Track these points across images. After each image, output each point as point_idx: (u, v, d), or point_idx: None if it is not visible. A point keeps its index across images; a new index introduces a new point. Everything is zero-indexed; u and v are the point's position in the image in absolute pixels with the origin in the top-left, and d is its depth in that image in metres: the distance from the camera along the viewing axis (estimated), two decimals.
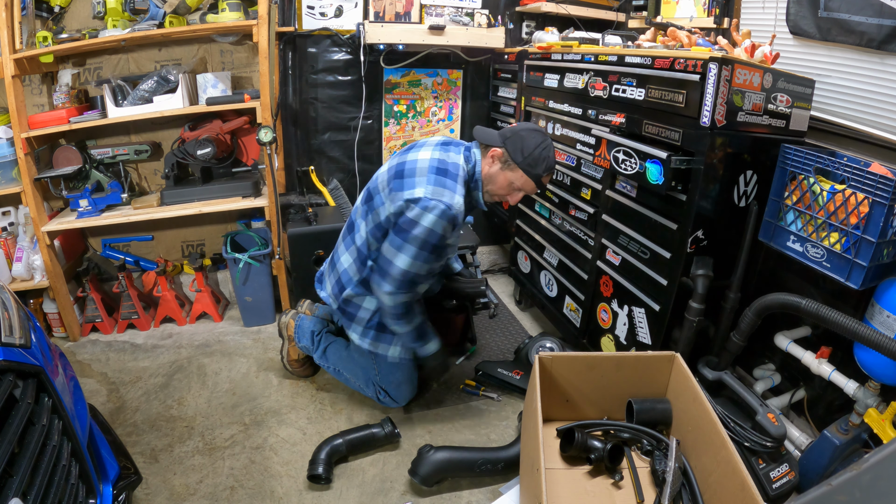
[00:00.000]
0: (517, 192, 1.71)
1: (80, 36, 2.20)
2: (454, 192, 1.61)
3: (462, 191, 1.65)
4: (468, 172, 1.70)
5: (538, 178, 1.66)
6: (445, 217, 1.57)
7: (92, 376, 2.22)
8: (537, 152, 1.62)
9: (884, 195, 1.26)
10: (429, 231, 1.58)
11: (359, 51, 2.61)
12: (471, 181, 1.71)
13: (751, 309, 1.57)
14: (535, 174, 1.65)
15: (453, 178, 1.64)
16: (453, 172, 1.65)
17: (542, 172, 1.65)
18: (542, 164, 1.64)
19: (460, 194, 1.63)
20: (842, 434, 1.50)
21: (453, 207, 1.58)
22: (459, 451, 1.68)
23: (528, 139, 1.63)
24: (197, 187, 2.47)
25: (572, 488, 1.46)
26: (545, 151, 1.64)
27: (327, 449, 1.71)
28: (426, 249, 1.61)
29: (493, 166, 1.69)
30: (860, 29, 1.65)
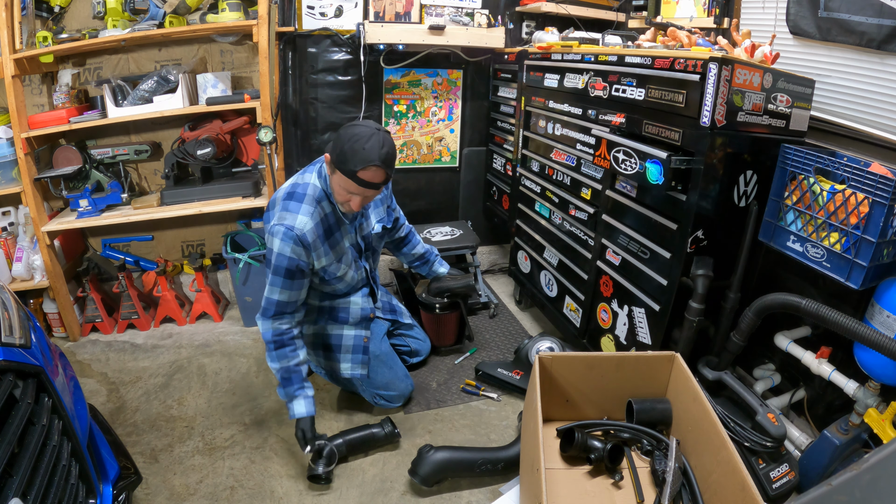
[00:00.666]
0: (352, 195, 1.57)
1: (80, 36, 2.20)
2: (296, 213, 1.58)
3: (310, 209, 1.60)
4: (322, 189, 1.65)
5: (353, 174, 1.49)
6: (289, 238, 1.56)
7: (92, 376, 2.22)
8: (347, 147, 1.48)
9: (884, 195, 1.26)
10: (277, 255, 1.58)
11: (359, 51, 2.61)
12: (329, 196, 1.66)
13: (751, 309, 1.57)
14: (348, 170, 1.50)
15: (299, 199, 1.61)
16: (300, 193, 1.63)
17: (356, 168, 1.48)
18: (355, 158, 1.48)
19: (306, 213, 1.59)
20: (842, 434, 1.50)
21: (295, 228, 1.56)
22: (459, 451, 1.68)
23: (342, 135, 1.51)
24: (197, 187, 2.47)
25: (572, 488, 1.46)
26: (357, 144, 1.47)
27: (327, 449, 1.71)
28: (279, 274, 1.60)
29: (330, 173, 1.60)
30: (860, 29, 1.65)
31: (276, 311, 1.66)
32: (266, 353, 1.71)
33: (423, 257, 2.20)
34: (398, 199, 3.12)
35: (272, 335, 1.67)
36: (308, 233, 1.60)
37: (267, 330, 1.67)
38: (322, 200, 1.66)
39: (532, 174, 2.47)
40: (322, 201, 1.66)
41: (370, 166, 1.50)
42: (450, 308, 2.30)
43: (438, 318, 2.30)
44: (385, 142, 1.52)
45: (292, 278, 1.63)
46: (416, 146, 3.05)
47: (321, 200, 1.66)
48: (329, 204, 1.68)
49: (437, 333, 2.34)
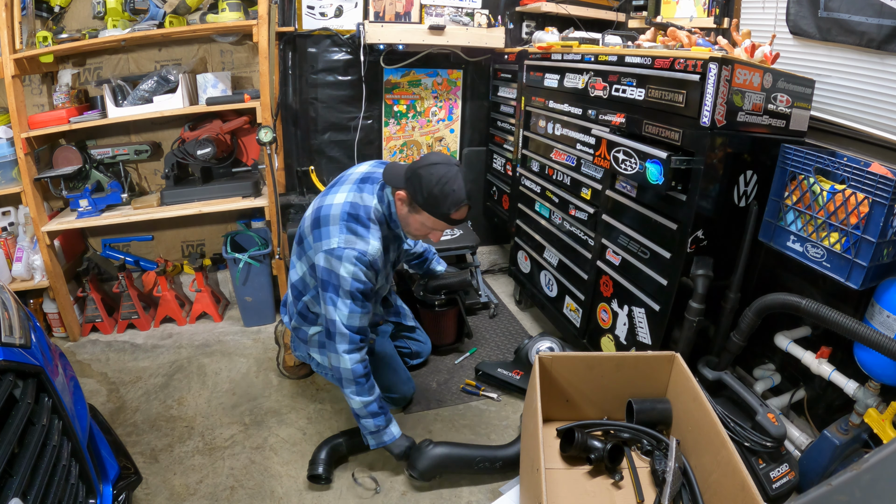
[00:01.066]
0: (434, 230, 1.61)
1: (80, 36, 2.20)
2: (367, 238, 1.55)
3: (378, 233, 1.58)
4: (384, 213, 1.63)
5: (446, 217, 1.52)
6: (362, 264, 1.53)
7: (92, 376, 2.22)
8: (437, 190, 1.47)
9: (884, 195, 1.26)
10: (352, 282, 1.53)
11: (359, 51, 2.61)
12: (390, 221, 1.65)
13: (751, 309, 1.57)
14: (441, 213, 1.51)
15: (365, 224, 1.57)
16: (365, 217, 1.58)
17: (449, 210, 1.50)
18: (447, 202, 1.48)
19: (375, 237, 1.57)
20: (842, 434, 1.50)
21: (367, 254, 1.53)
22: (458, 448, 1.68)
23: (426, 177, 1.48)
24: (197, 187, 2.47)
25: (572, 488, 1.46)
26: (447, 187, 1.47)
27: (327, 449, 1.71)
28: (358, 300, 1.56)
29: (401, 209, 1.59)
30: (860, 29, 1.65)
31: (362, 337, 1.59)
32: (354, 387, 1.61)
33: (421, 255, 2.20)
34: None
35: (364, 367, 1.60)
36: (378, 258, 1.57)
37: (357, 364, 1.59)
38: (384, 223, 1.63)
39: (532, 174, 2.47)
40: (383, 224, 1.63)
41: (462, 207, 1.52)
42: (448, 305, 2.30)
43: (437, 315, 2.30)
44: (465, 178, 1.53)
45: (368, 300, 1.59)
46: (416, 146, 3.05)
47: (383, 223, 1.63)
48: (387, 227, 1.65)
49: (436, 331, 2.34)
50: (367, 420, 1.64)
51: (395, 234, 1.69)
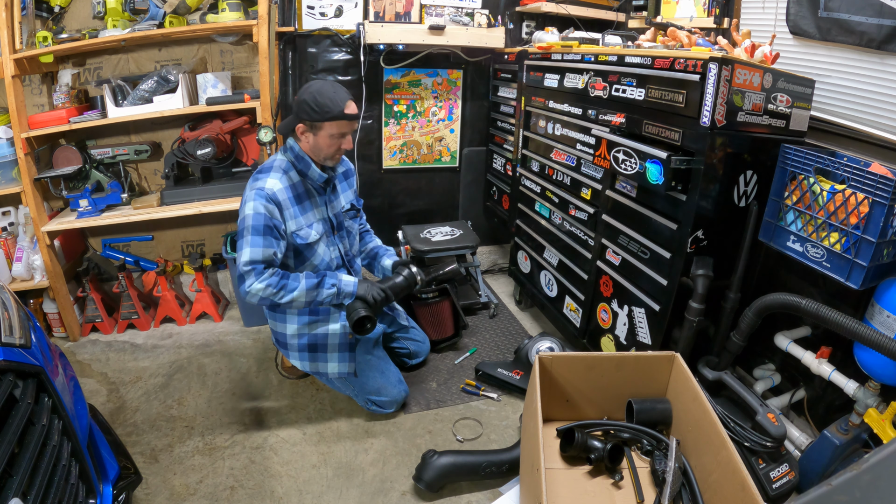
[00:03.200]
0: (340, 138, 1.76)
1: (80, 36, 2.20)
2: (266, 178, 1.72)
3: (278, 175, 1.74)
4: (289, 161, 1.79)
5: (341, 114, 1.69)
6: (261, 196, 1.68)
7: (92, 376, 2.22)
8: (321, 99, 1.67)
9: (884, 195, 1.26)
10: (252, 215, 1.68)
11: (359, 51, 2.61)
12: (297, 165, 1.79)
13: (751, 309, 1.57)
14: (335, 114, 1.69)
15: (266, 171, 1.76)
16: (267, 167, 1.78)
17: (340, 107, 1.69)
18: (334, 103, 1.68)
19: (274, 177, 1.73)
20: (842, 434, 1.50)
21: (265, 189, 1.69)
22: (463, 455, 1.68)
23: (307, 97, 1.69)
24: (197, 187, 2.47)
25: (572, 488, 1.46)
26: (326, 92, 1.68)
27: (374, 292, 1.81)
28: (257, 232, 1.68)
29: (308, 139, 1.75)
30: (860, 29, 1.65)
31: (265, 264, 1.69)
32: (281, 297, 1.71)
33: (371, 251, 2.17)
34: (398, 200, 3.15)
35: (276, 277, 1.70)
36: (278, 192, 1.71)
37: (269, 280, 1.69)
38: (289, 170, 1.78)
39: (532, 174, 2.47)
40: (289, 171, 1.78)
41: (348, 101, 1.71)
42: (441, 296, 2.30)
43: (432, 308, 2.30)
44: (336, 83, 1.75)
45: (269, 235, 1.69)
46: (416, 146, 3.05)
47: (288, 170, 1.78)
48: (297, 174, 1.80)
49: (433, 326, 2.34)
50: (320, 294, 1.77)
51: (308, 179, 1.81)
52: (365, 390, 1.94)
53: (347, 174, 2.04)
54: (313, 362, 1.93)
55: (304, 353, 1.92)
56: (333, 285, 1.79)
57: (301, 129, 1.74)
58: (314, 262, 1.86)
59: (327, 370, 1.92)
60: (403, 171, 3.08)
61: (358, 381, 1.94)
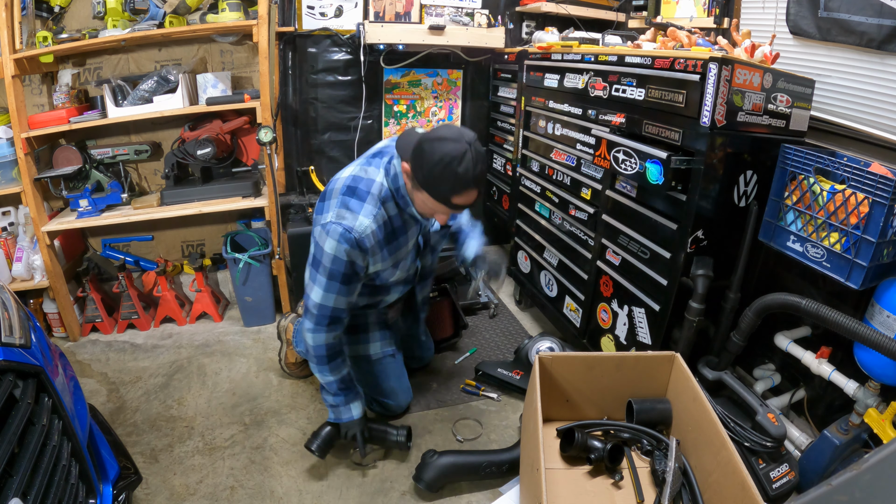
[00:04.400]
0: (437, 212, 1.46)
1: (80, 36, 2.20)
2: (357, 213, 1.44)
3: (372, 209, 1.45)
4: (389, 188, 1.50)
5: (446, 199, 1.36)
6: (345, 241, 1.41)
7: (92, 376, 2.22)
8: (438, 170, 1.31)
9: (884, 195, 1.26)
10: (332, 258, 1.44)
11: (359, 51, 2.61)
12: (396, 197, 1.51)
13: (751, 309, 1.57)
14: (441, 196, 1.36)
15: (361, 198, 1.46)
16: (363, 191, 1.47)
17: (450, 194, 1.34)
18: (448, 184, 1.33)
19: (367, 213, 1.44)
20: (842, 434, 1.50)
21: (353, 230, 1.42)
22: (463, 455, 1.68)
23: (429, 153, 1.32)
24: (197, 187, 2.47)
25: (572, 488, 1.46)
26: (450, 167, 1.30)
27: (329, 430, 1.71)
28: (336, 279, 1.47)
29: (407, 182, 1.46)
30: (860, 29, 1.65)
31: (332, 319, 1.53)
32: (316, 365, 1.60)
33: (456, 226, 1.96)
34: None
35: (327, 349, 1.56)
36: (368, 237, 1.45)
37: (321, 343, 1.55)
38: (388, 201, 1.50)
39: (532, 174, 2.47)
40: (387, 202, 1.50)
41: (467, 191, 1.35)
42: (440, 295, 2.30)
43: (432, 308, 2.31)
44: (478, 158, 1.33)
45: (349, 283, 1.49)
46: None
47: (386, 201, 1.49)
48: (395, 205, 1.52)
49: (433, 325, 2.34)
50: (326, 395, 1.68)
51: (408, 212, 1.53)
52: (377, 391, 1.92)
53: None
54: (354, 345, 1.86)
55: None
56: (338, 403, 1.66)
57: (406, 170, 1.42)
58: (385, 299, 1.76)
59: (369, 352, 1.83)
60: None
61: (375, 381, 1.91)
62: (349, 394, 1.68)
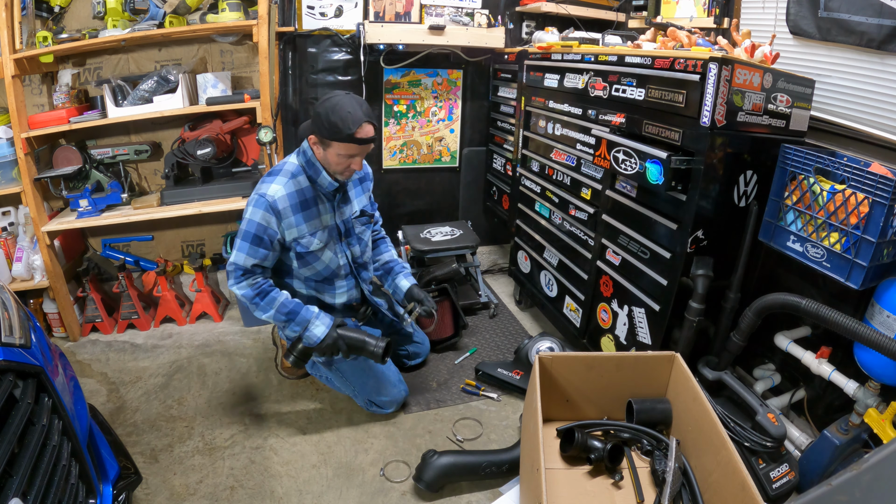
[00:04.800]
0: (350, 158, 1.70)
1: (80, 36, 2.20)
2: (271, 184, 1.71)
3: (284, 180, 1.72)
4: (300, 164, 1.76)
5: (351, 137, 1.62)
6: (260, 204, 1.68)
7: (92, 376, 2.22)
8: (334, 117, 1.60)
9: (884, 195, 1.26)
10: (248, 221, 1.69)
11: (359, 51, 2.61)
12: (307, 170, 1.76)
13: (751, 309, 1.57)
14: (345, 136, 1.62)
15: (274, 174, 1.74)
16: (276, 169, 1.76)
17: (351, 131, 1.61)
18: (346, 124, 1.60)
19: (279, 182, 1.71)
20: (842, 434, 1.50)
21: (266, 195, 1.68)
22: (463, 455, 1.68)
23: (322, 111, 1.63)
24: (197, 187, 2.47)
25: (572, 488, 1.46)
26: (341, 111, 1.60)
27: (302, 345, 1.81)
28: (247, 239, 1.69)
29: (318, 152, 1.72)
30: (860, 29, 1.65)
31: (245, 271, 1.72)
32: (253, 310, 1.76)
33: (386, 265, 2.13)
34: (398, 200, 3.14)
35: (252, 291, 1.73)
36: (279, 199, 1.69)
37: (245, 290, 1.73)
38: (298, 175, 1.75)
39: (532, 174, 2.47)
40: (298, 175, 1.75)
41: (363, 124, 1.63)
42: (440, 296, 2.30)
43: None
44: (359, 100, 1.65)
45: (258, 245, 1.70)
46: (416, 146, 3.05)
47: (297, 175, 1.75)
48: (306, 179, 1.76)
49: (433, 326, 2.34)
50: (284, 331, 1.82)
51: (318, 185, 1.76)
52: (365, 390, 1.93)
53: (363, 178, 2.01)
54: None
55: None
56: (297, 332, 1.78)
57: (313, 139, 1.71)
58: (317, 268, 1.85)
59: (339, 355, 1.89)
60: (403, 171, 3.08)
61: (358, 381, 1.93)
62: (299, 318, 1.77)
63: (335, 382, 2.01)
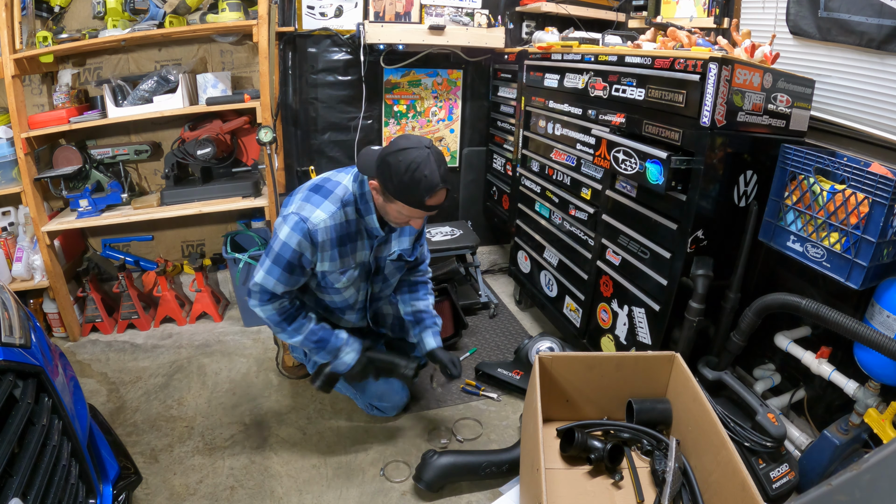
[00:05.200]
0: (412, 218, 1.54)
1: (80, 36, 2.20)
2: (317, 207, 1.52)
3: (333, 207, 1.54)
4: (354, 193, 1.58)
5: (420, 204, 1.44)
6: (299, 229, 1.50)
7: (92, 376, 2.22)
8: (407, 178, 1.40)
9: (884, 195, 1.26)
10: (283, 244, 1.52)
11: (359, 51, 2.61)
12: (359, 203, 1.59)
13: (751, 309, 1.57)
14: (415, 201, 1.44)
15: (324, 195, 1.55)
16: (328, 189, 1.57)
17: (423, 198, 1.42)
18: (419, 189, 1.41)
19: (326, 210, 1.53)
20: (842, 434, 1.50)
21: (309, 221, 1.50)
22: (463, 455, 1.68)
23: (394, 165, 1.41)
24: (197, 187, 2.47)
25: (572, 488, 1.46)
26: (418, 173, 1.39)
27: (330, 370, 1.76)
28: (279, 265, 1.54)
29: (377, 198, 1.54)
30: (860, 29, 1.65)
31: (271, 296, 1.60)
32: (277, 332, 1.68)
33: (419, 314, 1.91)
34: None
35: (278, 316, 1.62)
36: (321, 231, 1.52)
37: (271, 313, 1.61)
38: (348, 205, 1.58)
39: (532, 174, 2.47)
40: (348, 206, 1.58)
41: (436, 192, 1.44)
42: (441, 295, 2.30)
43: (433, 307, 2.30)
44: (439, 159, 1.44)
45: (291, 272, 1.56)
46: None
47: (347, 205, 1.57)
48: (354, 211, 1.59)
49: None
50: (313, 357, 1.77)
51: (364, 223, 1.61)
52: (367, 395, 1.92)
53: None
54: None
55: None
56: (327, 359, 1.71)
57: (375, 186, 1.50)
58: (334, 299, 1.76)
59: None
60: None
61: (361, 386, 1.92)
62: (329, 346, 1.69)
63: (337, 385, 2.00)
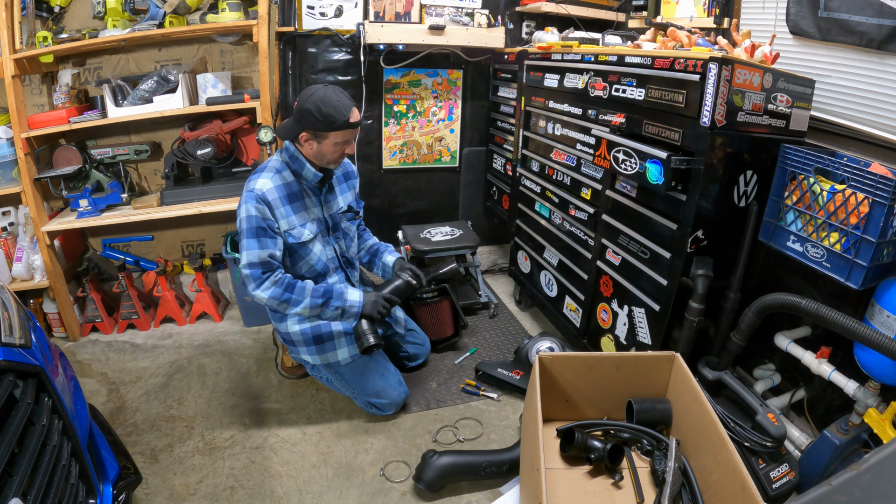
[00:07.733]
0: (344, 144, 1.77)
1: (80, 36, 2.20)
2: (257, 179, 1.75)
3: (270, 175, 1.77)
4: (284, 160, 1.81)
5: (346, 122, 1.70)
6: (251, 198, 1.72)
7: (92, 376, 2.22)
8: (326, 110, 1.67)
9: (884, 195, 1.26)
10: (246, 218, 1.73)
11: (359, 51, 2.61)
12: (292, 165, 1.81)
13: (751, 309, 1.57)
14: (341, 124, 1.69)
15: (260, 171, 1.79)
16: (261, 167, 1.81)
17: (345, 115, 1.69)
18: (339, 111, 1.68)
19: (266, 177, 1.76)
20: (842, 434, 1.50)
21: (255, 189, 1.73)
22: (463, 455, 1.68)
23: (312, 108, 1.68)
24: (197, 187, 2.47)
25: (572, 488, 1.46)
26: (331, 102, 1.67)
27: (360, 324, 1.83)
28: (252, 235, 1.72)
29: (311, 147, 1.76)
30: (860, 29, 1.65)
31: (263, 270, 1.73)
32: (285, 309, 1.78)
33: (371, 248, 2.16)
34: (398, 200, 3.15)
35: (279, 288, 1.74)
36: (268, 191, 1.73)
37: (271, 291, 1.73)
38: (283, 170, 1.80)
39: (532, 174, 2.47)
40: (283, 171, 1.80)
41: (352, 109, 1.72)
42: (440, 296, 2.30)
43: (431, 309, 2.30)
44: (336, 88, 1.73)
45: (263, 235, 1.72)
46: (416, 146, 3.05)
47: (282, 171, 1.80)
48: (291, 174, 1.81)
49: (433, 326, 2.34)
50: (326, 313, 1.83)
51: (303, 179, 1.82)
52: (365, 392, 1.93)
53: (348, 176, 2.04)
54: (322, 354, 1.89)
55: (311, 347, 1.89)
56: (338, 307, 1.82)
57: (305, 137, 1.74)
58: (310, 262, 1.86)
59: (338, 358, 1.90)
60: (403, 171, 3.08)
61: (358, 383, 1.93)
62: (335, 293, 1.82)
63: (335, 384, 2.01)
